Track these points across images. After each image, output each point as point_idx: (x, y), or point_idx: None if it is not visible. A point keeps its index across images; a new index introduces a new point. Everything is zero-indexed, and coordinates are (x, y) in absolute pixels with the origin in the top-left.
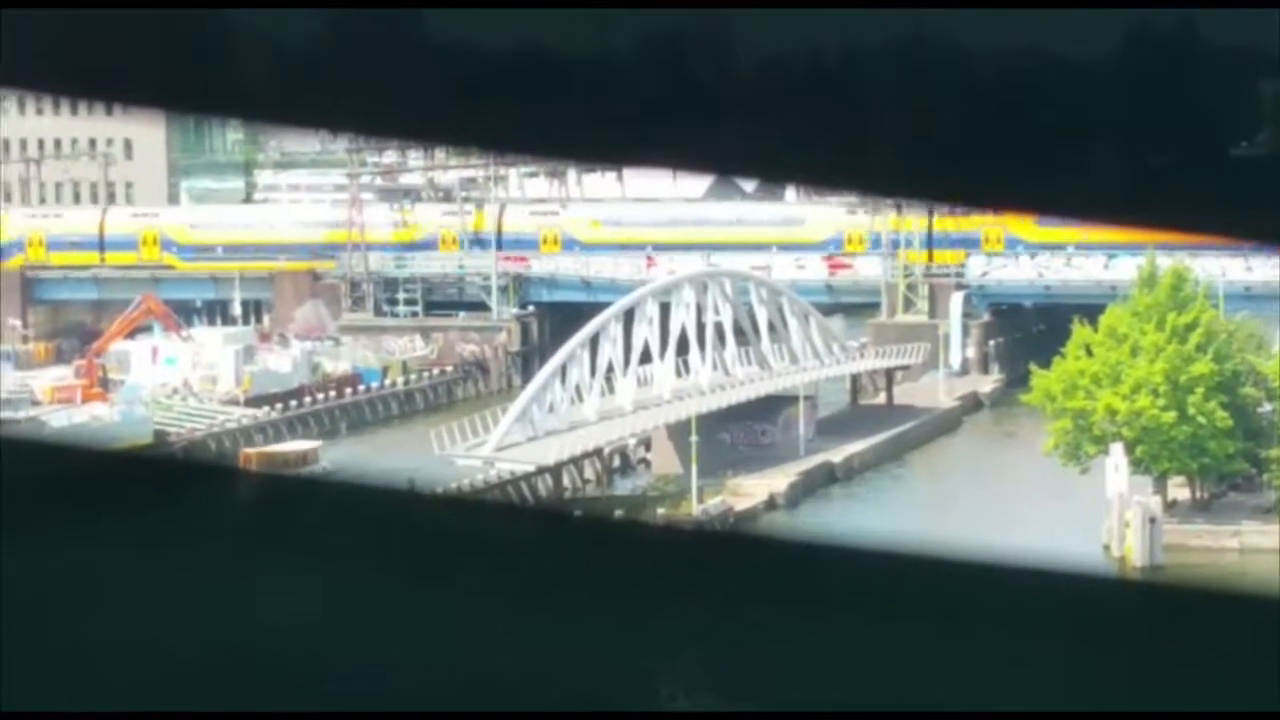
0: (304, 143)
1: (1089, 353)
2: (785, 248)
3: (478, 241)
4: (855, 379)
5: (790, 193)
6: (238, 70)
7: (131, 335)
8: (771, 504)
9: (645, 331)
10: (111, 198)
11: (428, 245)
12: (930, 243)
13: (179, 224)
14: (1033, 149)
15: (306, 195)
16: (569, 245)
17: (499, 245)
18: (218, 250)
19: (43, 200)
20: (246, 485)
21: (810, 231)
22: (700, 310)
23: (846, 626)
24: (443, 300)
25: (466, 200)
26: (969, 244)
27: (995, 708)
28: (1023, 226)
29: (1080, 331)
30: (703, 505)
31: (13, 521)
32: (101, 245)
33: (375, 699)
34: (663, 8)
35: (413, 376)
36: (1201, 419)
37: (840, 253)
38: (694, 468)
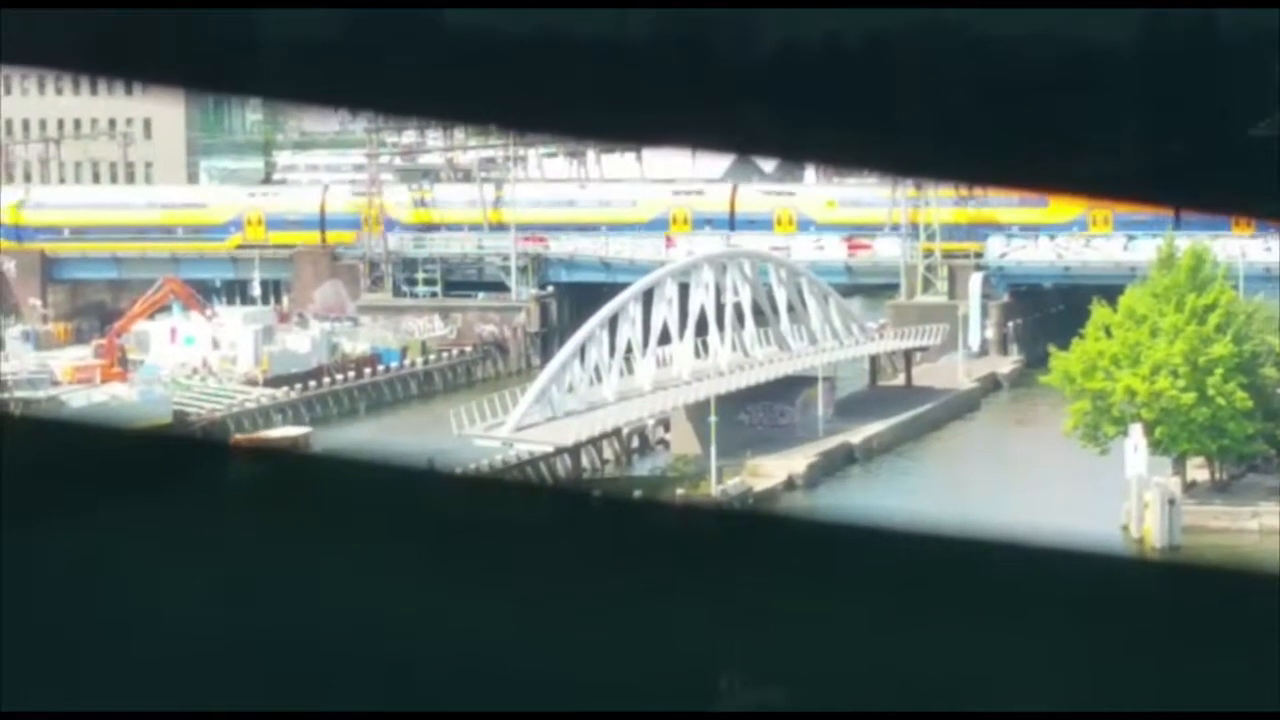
0: (323, 122)
1: (1108, 334)
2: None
3: (708, 221)
4: (874, 360)
5: (810, 172)
6: (257, 49)
7: (152, 316)
8: (790, 485)
9: (664, 312)
10: (131, 177)
11: (659, 224)
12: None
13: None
14: (1052, 128)
15: (326, 175)
16: (804, 225)
17: (732, 226)
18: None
19: (62, 180)
20: (265, 465)
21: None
22: (719, 291)
23: (866, 605)
24: (462, 281)
25: (486, 180)
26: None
27: (1014, 685)
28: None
29: (1099, 312)
30: (721, 486)
31: (33, 500)
32: (323, 224)
33: (394, 674)
34: None
35: (431, 357)
36: (1221, 400)
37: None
38: (713, 448)
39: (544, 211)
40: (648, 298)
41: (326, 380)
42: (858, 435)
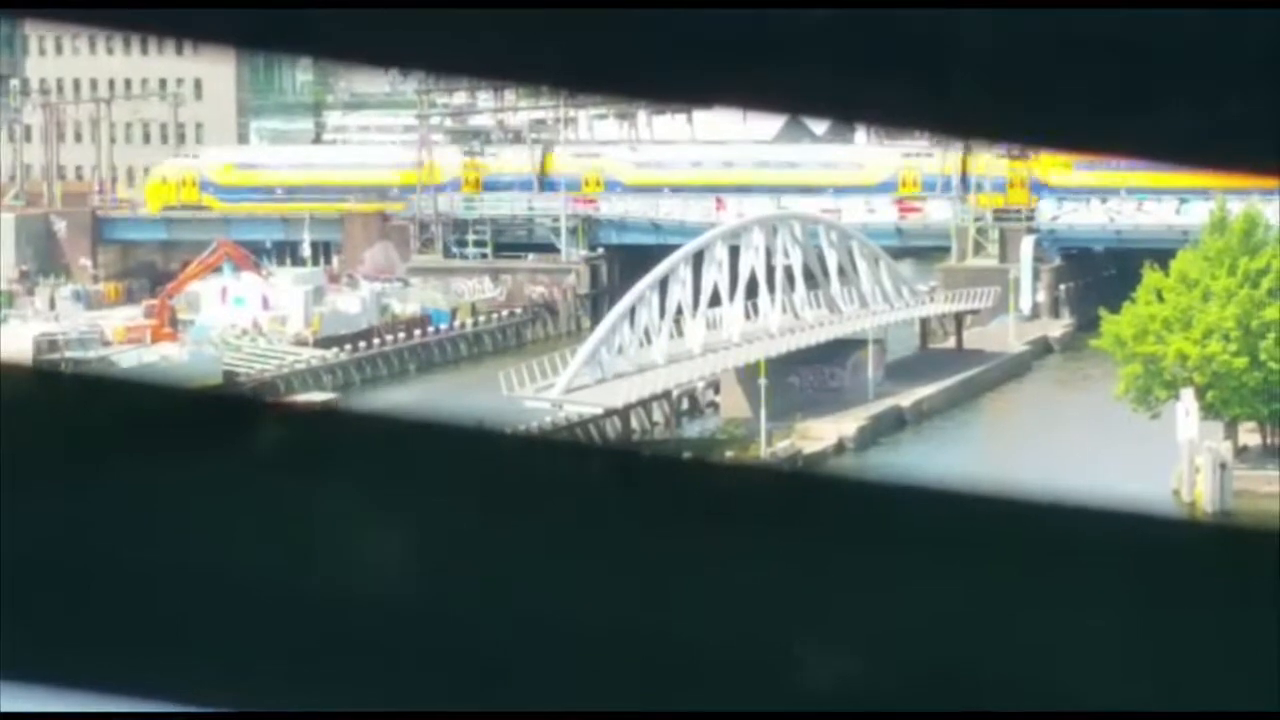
0: (373, 83)
1: (1160, 298)
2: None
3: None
4: (924, 323)
5: (860, 135)
6: (308, 7)
7: (205, 278)
8: (840, 448)
9: (714, 274)
10: (181, 138)
11: (888, 187)
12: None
13: (622, 162)
14: (1108, 88)
15: (376, 136)
16: (1036, 189)
17: (966, 188)
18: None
19: (113, 140)
20: (315, 424)
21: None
22: (769, 253)
23: (918, 565)
24: (512, 242)
25: (536, 142)
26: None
27: (1065, 647)
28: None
29: (1151, 276)
30: (771, 448)
31: (84, 458)
32: (541, 185)
33: (439, 637)
34: None
35: (481, 318)
36: (1273, 364)
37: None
38: (763, 411)
39: (768, 173)
40: (698, 260)
41: (376, 341)
42: (908, 398)
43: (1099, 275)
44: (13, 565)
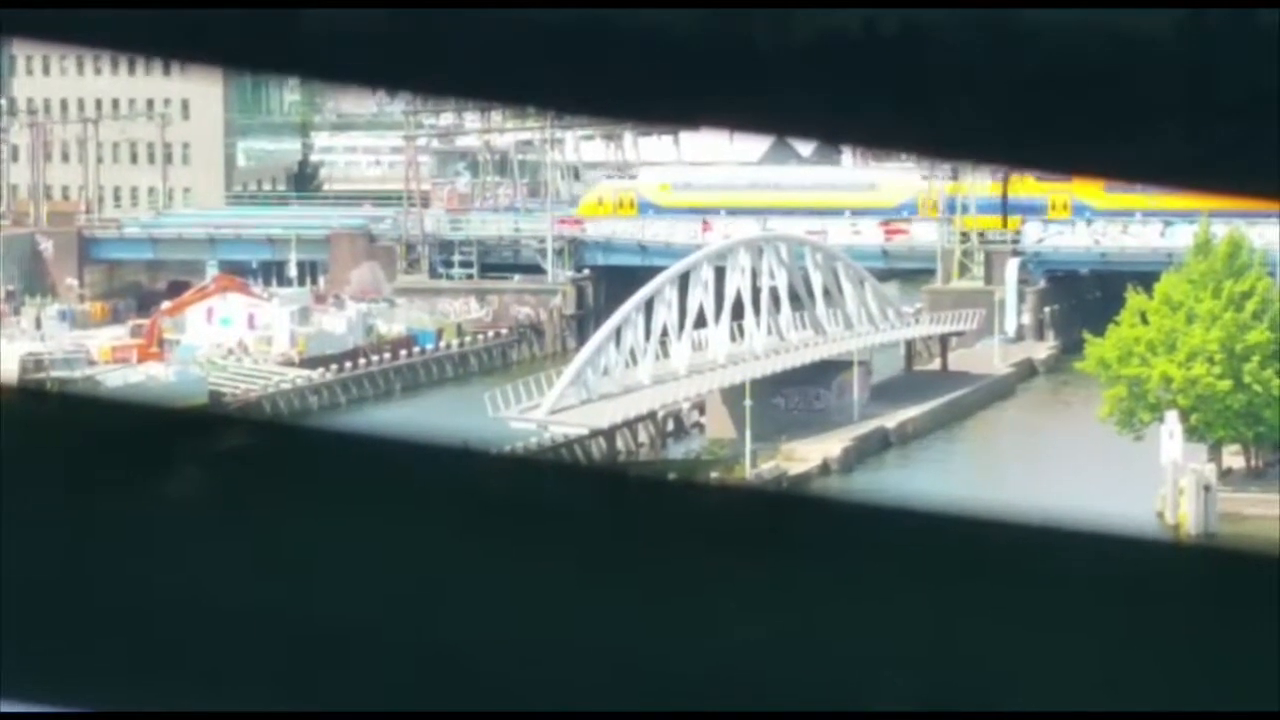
0: (361, 104)
1: (1144, 320)
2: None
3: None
4: (910, 345)
5: (847, 156)
6: (296, 29)
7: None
8: (825, 469)
9: (700, 295)
10: (169, 158)
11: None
12: (1005, 207)
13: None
14: (1095, 111)
15: (363, 157)
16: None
17: (1005, 210)
18: None
19: (100, 160)
20: (300, 442)
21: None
22: (755, 275)
23: (899, 587)
24: (498, 263)
25: (522, 164)
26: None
27: (1047, 670)
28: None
29: (1135, 299)
30: (756, 469)
31: (69, 477)
32: (1004, 208)
33: (427, 658)
34: None
35: (467, 339)
36: (1257, 387)
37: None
38: (748, 432)
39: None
40: (684, 281)
41: (362, 361)
42: (893, 420)
43: (1084, 297)
44: None
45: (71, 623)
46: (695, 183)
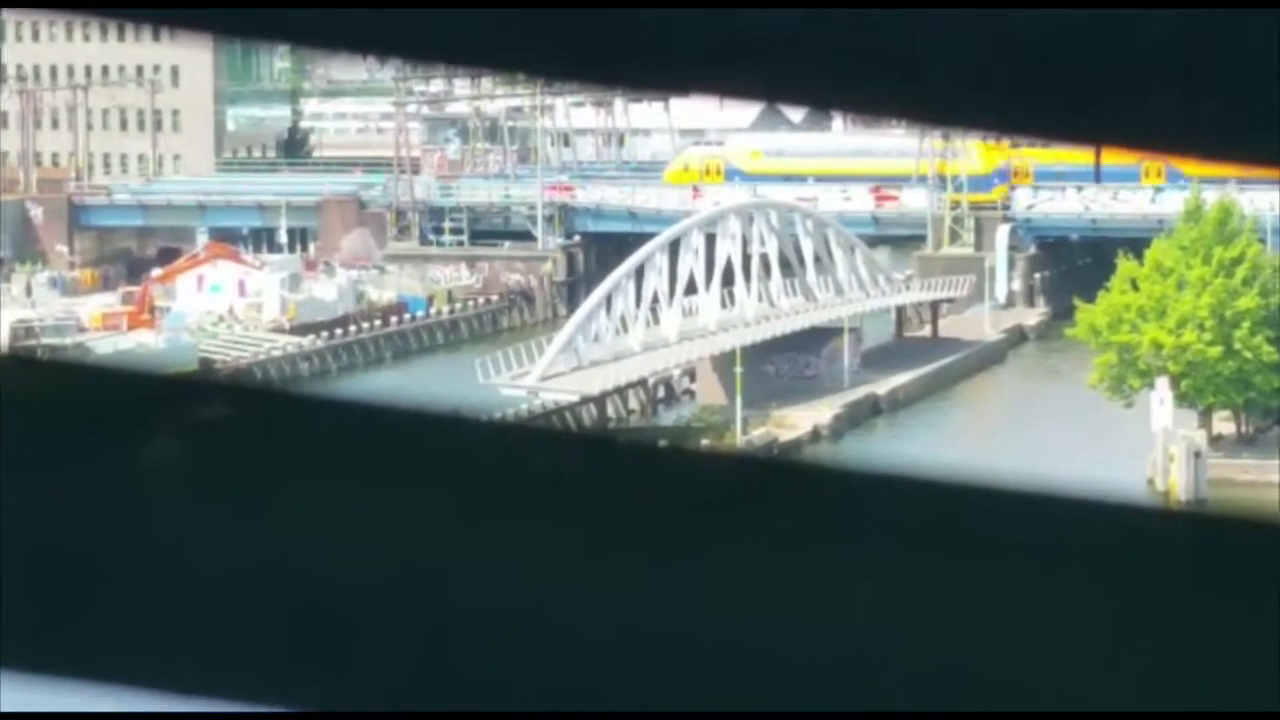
0: (350, 71)
1: (1134, 286)
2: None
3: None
4: (900, 311)
5: (837, 122)
6: None
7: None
8: (816, 435)
9: (691, 262)
10: (159, 125)
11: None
12: (1099, 175)
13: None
14: (1090, 76)
15: (353, 123)
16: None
17: (1098, 179)
18: None
19: (89, 127)
20: (290, 408)
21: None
22: (746, 241)
23: (886, 556)
24: (488, 229)
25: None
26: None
27: (1037, 638)
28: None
29: (1125, 265)
30: (747, 436)
31: (55, 445)
32: (1098, 176)
33: (418, 626)
34: None
35: (458, 305)
36: (1247, 353)
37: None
38: (738, 399)
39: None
40: (674, 248)
41: (353, 328)
42: (883, 386)
43: (1074, 264)
44: None
45: (59, 592)
46: (788, 149)
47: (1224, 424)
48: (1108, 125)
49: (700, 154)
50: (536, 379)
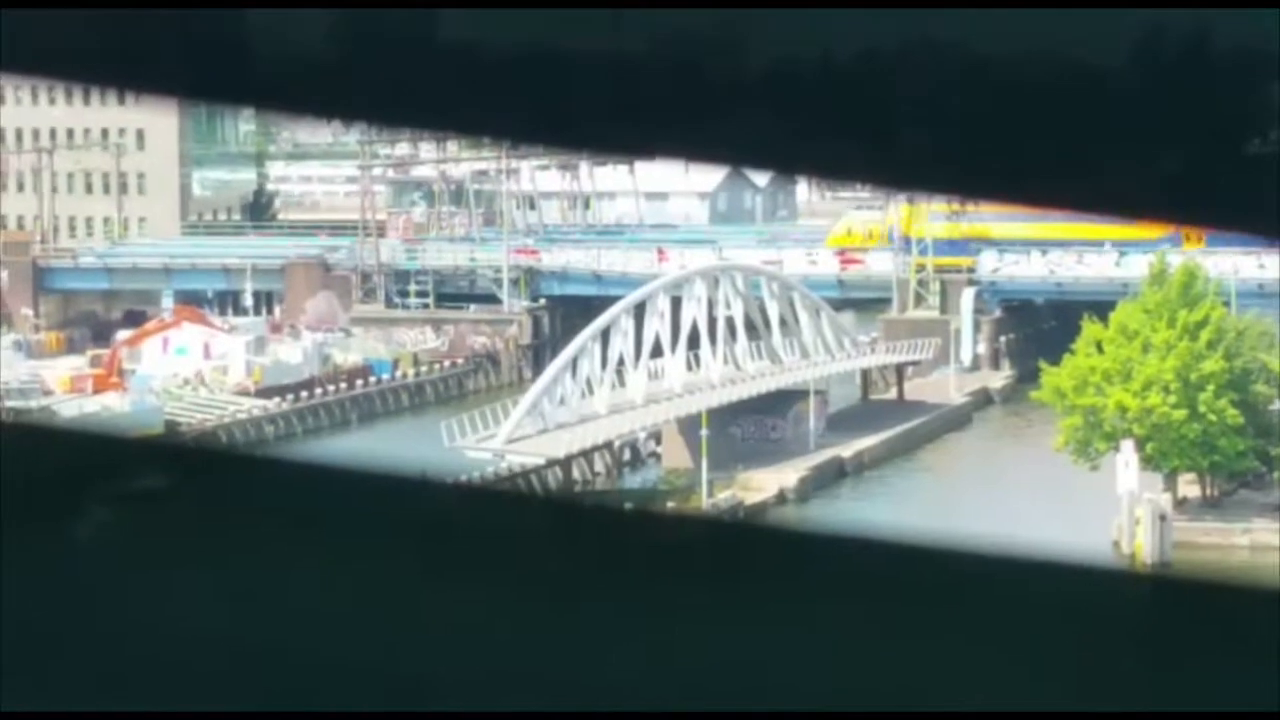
0: (316, 134)
1: (1100, 349)
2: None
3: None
4: (866, 374)
5: (802, 187)
6: (252, 59)
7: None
8: (782, 498)
9: (656, 325)
10: (124, 188)
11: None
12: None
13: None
14: (1049, 142)
15: (318, 187)
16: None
17: None
18: None
19: (54, 190)
20: (256, 472)
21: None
22: (711, 304)
23: (855, 616)
24: (454, 292)
25: (479, 194)
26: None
27: (1002, 701)
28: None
29: (1091, 328)
30: (712, 499)
31: (24, 510)
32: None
33: (382, 689)
34: (675, 7)
35: (423, 368)
36: (1212, 416)
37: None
38: (704, 461)
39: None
40: (640, 311)
41: (318, 391)
42: (849, 449)
43: (1039, 327)
44: None
45: (27, 647)
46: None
47: (1189, 487)
48: (1068, 190)
49: (862, 218)
50: (502, 442)
